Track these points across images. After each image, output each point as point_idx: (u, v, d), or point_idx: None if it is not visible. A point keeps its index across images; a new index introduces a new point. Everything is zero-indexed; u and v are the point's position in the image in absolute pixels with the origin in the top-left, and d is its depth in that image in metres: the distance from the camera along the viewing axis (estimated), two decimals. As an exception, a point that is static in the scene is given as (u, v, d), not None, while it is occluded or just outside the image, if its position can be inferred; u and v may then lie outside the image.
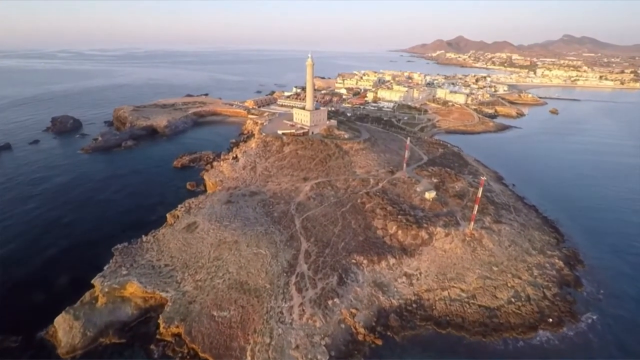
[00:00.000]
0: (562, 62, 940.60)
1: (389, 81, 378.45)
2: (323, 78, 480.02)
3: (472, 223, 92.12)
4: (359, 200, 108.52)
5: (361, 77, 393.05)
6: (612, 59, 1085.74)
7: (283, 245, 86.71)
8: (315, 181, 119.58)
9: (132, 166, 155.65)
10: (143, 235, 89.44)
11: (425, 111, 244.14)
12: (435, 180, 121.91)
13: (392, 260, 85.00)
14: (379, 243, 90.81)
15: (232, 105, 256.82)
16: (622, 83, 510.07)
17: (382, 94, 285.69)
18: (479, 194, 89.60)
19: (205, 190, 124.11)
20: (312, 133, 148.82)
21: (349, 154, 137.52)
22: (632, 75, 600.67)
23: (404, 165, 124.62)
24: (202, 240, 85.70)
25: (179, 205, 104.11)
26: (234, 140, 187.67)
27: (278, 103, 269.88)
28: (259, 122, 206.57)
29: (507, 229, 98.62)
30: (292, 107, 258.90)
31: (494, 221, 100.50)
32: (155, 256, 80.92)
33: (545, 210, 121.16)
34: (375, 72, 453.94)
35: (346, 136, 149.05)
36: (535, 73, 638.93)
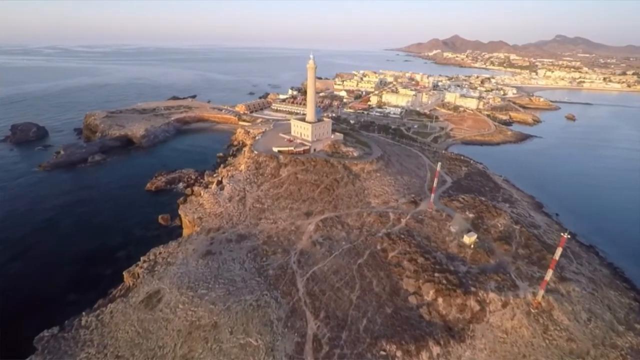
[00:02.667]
0: (560, 62, 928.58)
1: (391, 83, 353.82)
2: (320, 79, 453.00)
3: (542, 291, 67.49)
4: (378, 247, 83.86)
5: (361, 78, 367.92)
6: (608, 60, 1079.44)
7: (282, 326, 61.47)
8: (321, 217, 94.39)
9: (96, 188, 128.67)
10: (83, 315, 63.18)
11: (437, 118, 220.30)
12: (470, 215, 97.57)
13: (435, 350, 60.33)
14: (414, 318, 66.09)
15: (221, 110, 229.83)
16: (629, 86, 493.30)
17: (388, 98, 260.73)
18: (557, 256, 64.95)
19: (181, 228, 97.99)
20: (314, 150, 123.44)
21: (360, 177, 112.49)
22: (635, 77, 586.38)
23: (432, 195, 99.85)
24: (166, 324, 59.89)
25: (142, 258, 78.02)
26: (221, 155, 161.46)
27: (272, 107, 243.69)
28: (251, 131, 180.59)
29: (578, 291, 74.62)
30: (289, 112, 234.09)
31: (559, 278, 76.45)
32: (94, 355, 54.91)
33: (606, 252, 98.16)
34: (376, 73, 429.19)
35: (355, 154, 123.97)
36: (537, 74, 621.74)
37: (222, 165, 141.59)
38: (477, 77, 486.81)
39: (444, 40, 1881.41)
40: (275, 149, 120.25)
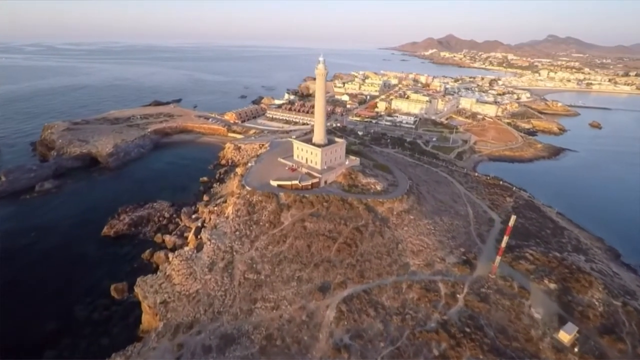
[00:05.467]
0: (559, 63, 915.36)
1: (395, 85, 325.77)
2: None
3: None
4: (435, 351, 55.72)
5: (363, 80, 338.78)
6: (604, 60, 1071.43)
7: None
8: (343, 293, 65.58)
9: (37, 233, 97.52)
10: None
11: (456, 128, 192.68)
12: (552, 285, 69.53)
13: None
14: None
15: (207, 119, 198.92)
16: (638, 88, 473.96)
17: (398, 104, 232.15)
18: None
19: (140, 308, 67.84)
20: (326, 182, 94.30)
21: (389, 223, 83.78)
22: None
23: (497, 258, 71.41)
24: None
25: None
26: (205, 179, 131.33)
27: (267, 115, 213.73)
28: (242, 147, 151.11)
29: None
30: (286, 121, 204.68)
31: None
32: None
33: None
34: (377, 74, 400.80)
35: (379, 187, 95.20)
36: (539, 75, 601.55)
37: (205, 196, 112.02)
38: (482, 78, 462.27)
39: (439, 40, 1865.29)
40: (273, 183, 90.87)
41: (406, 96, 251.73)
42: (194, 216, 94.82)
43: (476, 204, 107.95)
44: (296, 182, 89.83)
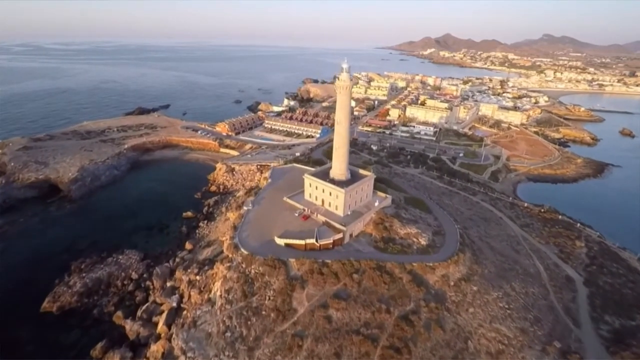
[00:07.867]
0: (560, 62, 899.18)
1: (404, 88, 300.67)
2: (316, 82, 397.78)
3: None
4: None
5: (369, 83, 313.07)
6: (603, 59, 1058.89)
7: None
8: None
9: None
10: None
11: (483, 140, 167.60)
12: None
13: None
14: None
15: (196, 131, 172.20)
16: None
17: (413, 112, 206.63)
18: None
19: None
20: (351, 236, 68.59)
21: (447, 302, 58.39)
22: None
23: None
24: None
25: None
26: (189, 214, 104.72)
27: (265, 125, 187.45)
28: (237, 168, 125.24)
29: None
30: (287, 132, 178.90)
31: None
32: None
33: None
34: (381, 75, 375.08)
35: (422, 241, 69.69)
36: (545, 75, 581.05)
37: (188, 242, 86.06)
38: (490, 79, 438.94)
39: (437, 39, 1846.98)
40: (279, 241, 64.95)
41: (421, 102, 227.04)
42: (169, 284, 68.40)
43: (541, 252, 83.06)
44: (311, 240, 63.93)
